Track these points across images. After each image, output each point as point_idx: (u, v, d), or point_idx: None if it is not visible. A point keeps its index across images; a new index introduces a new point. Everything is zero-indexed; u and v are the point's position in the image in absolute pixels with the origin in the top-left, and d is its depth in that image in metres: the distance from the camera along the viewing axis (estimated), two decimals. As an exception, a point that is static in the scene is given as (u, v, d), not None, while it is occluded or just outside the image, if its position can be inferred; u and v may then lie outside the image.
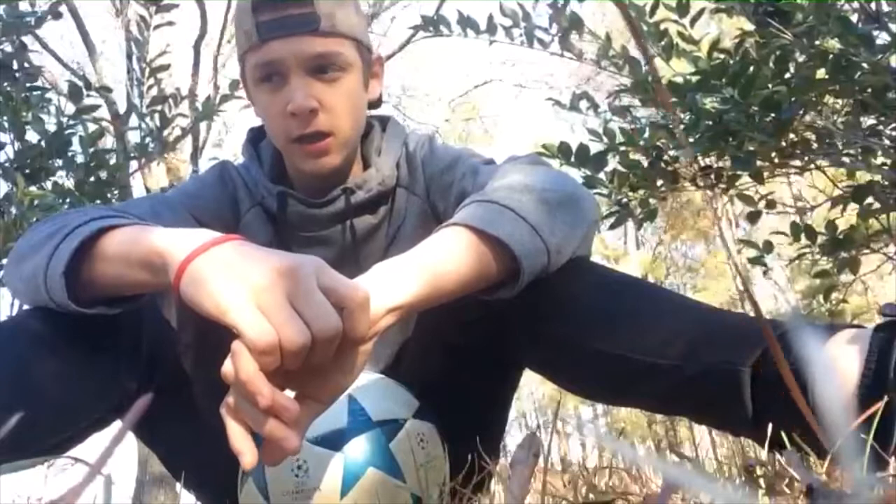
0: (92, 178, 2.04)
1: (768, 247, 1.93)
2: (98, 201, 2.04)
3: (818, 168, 1.75)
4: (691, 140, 1.59)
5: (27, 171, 1.89)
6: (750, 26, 1.58)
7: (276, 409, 0.55)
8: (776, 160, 1.69)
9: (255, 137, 1.05)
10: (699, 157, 1.75)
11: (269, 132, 0.96)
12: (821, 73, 1.44)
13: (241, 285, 0.56)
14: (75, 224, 0.73)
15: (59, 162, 2.00)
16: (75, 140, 2.02)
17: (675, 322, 0.75)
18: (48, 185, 1.99)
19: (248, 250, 0.60)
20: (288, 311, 0.54)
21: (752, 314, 0.74)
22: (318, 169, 0.92)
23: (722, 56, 1.62)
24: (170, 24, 2.45)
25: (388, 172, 0.99)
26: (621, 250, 15.87)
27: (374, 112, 1.05)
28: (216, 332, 0.57)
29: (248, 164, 1.02)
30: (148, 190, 5.47)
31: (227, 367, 0.55)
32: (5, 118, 1.87)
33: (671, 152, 1.72)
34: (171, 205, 0.94)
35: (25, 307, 0.81)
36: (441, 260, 0.70)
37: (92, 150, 2.06)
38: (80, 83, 2.03)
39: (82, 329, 0.77)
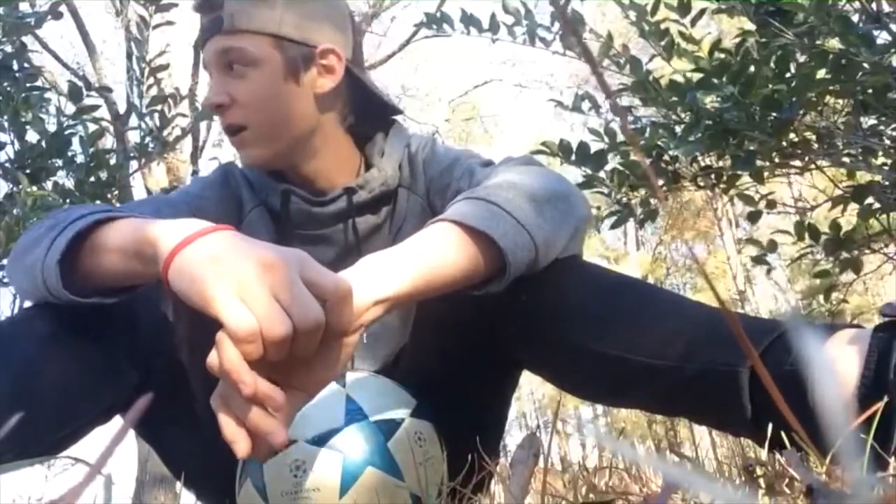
0: (92, 178, 2.04)
1: (772, 245, 1.93)
2: (98, 201, 2.04)
3: (818, 168, 1.75)
4: (691, 139, 1.59)
5: (27, 171, 1.89)
6: (751, 26, 1.58)
7: (261, 398, 0.56)
8: (776, 160, 1.69)
9: None
10: (699, 157, 1.75)
11: None
12: (821, 73, 1.44)
13: (225, 276, 0.57)
14: (74, 217, 0.74)
15: (60, 162, 2.00)
16: (75, 140, 2.02)
17: (674, 322, 0.75)
18: (48, 185, 1.99)
19: (236, 241, 0.60)
20: (269, 301, 0.55)
21: (751, 315, 0.74)
22: (246, 161, 0.96)
23: (723, 55, 1.62)
24: (169, 23, 2.46)
25: (390, 173, 0.99)
26: (621, 250, 15.88)
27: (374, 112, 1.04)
28: (208, 323, 0.58)
29: None
30: (148, 190, 5.47)
31: (213, 358, 0.57)
32: (5, 118, 1.87)
33: (671, 152, 1.72)
34: (173, 205, 0.95)
35: (26, 305, 0.82)
36: (427, 254, 0.70)
37: (92, 150, 2.06)
38: (80, 83, 2.03)
39: (79, 324, 0.77)
